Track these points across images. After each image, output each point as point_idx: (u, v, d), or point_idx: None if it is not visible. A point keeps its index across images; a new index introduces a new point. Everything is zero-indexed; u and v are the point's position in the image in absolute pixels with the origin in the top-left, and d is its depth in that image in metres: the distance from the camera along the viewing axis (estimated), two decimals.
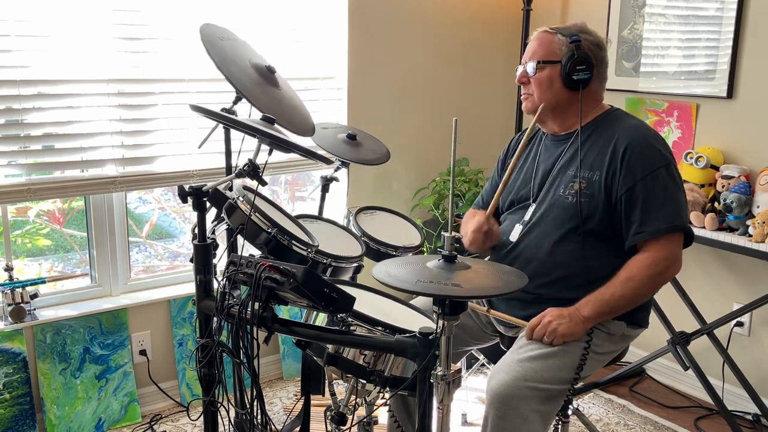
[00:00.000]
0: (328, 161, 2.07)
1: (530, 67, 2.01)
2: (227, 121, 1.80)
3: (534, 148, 2.17)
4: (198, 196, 1.79)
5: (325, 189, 2.62)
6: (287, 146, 1.76)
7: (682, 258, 1.95)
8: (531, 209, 2.06)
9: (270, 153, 1.78)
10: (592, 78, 1.98)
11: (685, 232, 1.93)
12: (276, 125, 1.89)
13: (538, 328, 1.89)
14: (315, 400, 2.82)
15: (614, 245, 1.95)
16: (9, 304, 2.57)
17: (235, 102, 2.14)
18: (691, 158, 2.89)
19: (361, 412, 1.87)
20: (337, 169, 2.59)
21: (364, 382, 1.66)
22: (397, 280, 1.45)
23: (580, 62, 1.95)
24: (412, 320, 1.85)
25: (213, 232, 1.92)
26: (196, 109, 1.79)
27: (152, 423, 2.81)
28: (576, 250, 1.95)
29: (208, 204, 1.83)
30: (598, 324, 1.96)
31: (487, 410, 1.82)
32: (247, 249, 1.84)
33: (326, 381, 2.00)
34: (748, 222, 2.65)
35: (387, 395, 1.70)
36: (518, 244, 2.04)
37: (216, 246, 1.87)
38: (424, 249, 2.55)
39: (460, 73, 3.63)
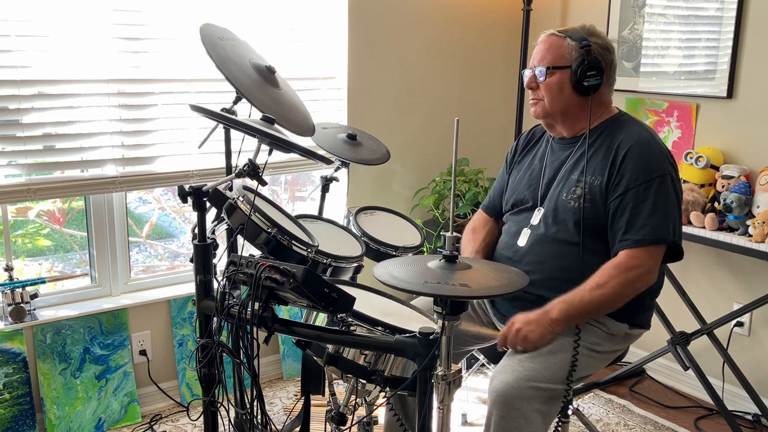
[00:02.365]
0: (328, 161, 2.07)
1: (540, 72, 2.00)
2: (227, 121, 1.80)
3: (541, 149, 2.17)
4: (198, 196, 1.79)
5: (325, 189, 2.61)
6: (287, 146, 1.76)
7: (667, 267, 1.93)
8: (537, 213, 2.06)
9: (270, 153, 1.77)
10: (602, 83, 1.98)
11: (672, 248, 1.91)
12: (276, 125, 1.89)
13: (509, 338, 1.88)
14: (315, 400, 2.82)
15: None
16: (9, 304, 2.57)
17: (235, 102, 2.14)
18: (691, 158, 2.89)
19: (361, 412, 1.87)
20: (337, 169, 2.59)
21: (364, 382, 1.66)
22: (404, 282, 1.45)
23: (591, 67, 1.94)
24: (412, 320, 1.85)
25: (213, 232, 1.92)
26: (196, 109, 1.79)
27: (152, 423, 2.81)
28: (580, 254, 1.94)
29: (208, 204, 1.83)
30: (597, 323, 1.97)
31: (489, 410, 1.83)
32: (247, 249, 1.84)
33: (326, 381, 2.00)
34: (748, 222, 2.65)
35: (387, 394, 1.70)
36: (525, 248, 2.04)
37: (216, 246, 1.87)
38: (424, 249, 2.55)
39: (460, 73, 3.63)
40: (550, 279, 1.97)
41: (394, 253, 2.34)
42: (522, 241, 2.06)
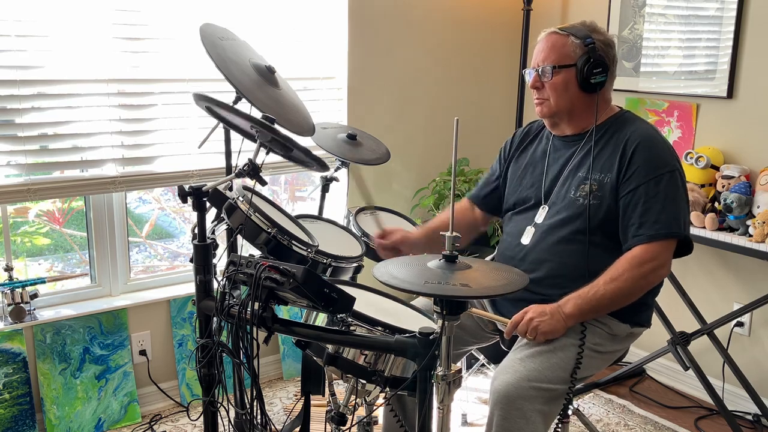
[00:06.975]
0: (325, 166, 2.04)
1: (544, 71, 1.99)
2: (229, 109, 1.79)
3: (541, 146, 2.16)
4: (198, 196, 1.79)
5: (325, 189, 2.62)
6: (287, 146, 1.76)
7: (677, 260, 1.94)
8: (542, 211, 2.06)
9: (268, 153, 1.78)
10: (607, 79, 1.99)
11: (683, 241, 1.93)
12: (276, 125, 1.89)
13: (520, 325, 1.88)
14: (315, 400, 2.82)
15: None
16: (9, 304, 2.57)
17: (235, 102, 2.14)
18: (692, 158, 2.89)
19: (361, 412, 1.87)
20: (337, 169, 2.59)
21: (364, 382, 1.66)
22: (405, 282, 1.45)
23: (596, 65, 1.95)
24: (412, 320, 1.85)
25: (213, 232, 1.92)
26: (201, 98, 1.78)
27: (152, 423, 2.80)
28: (587, 252, 1.95)
29: (208, 204, 1.83)
30: (599, 324, 1.97)
31: (491, 410, 1.82)
32: (247, 249, 1.84)
33: (326, 381, 2.00)
34: (749, 222, 2.65)
35: (387, 394, 1.70)
36: (529, 246, 2.04)
37: (216, 246, 1.87)
38: None
39: (460, 73, 3.63)
40: (555, 277, 1.97)
41: None
42: (526, 239, 2.06)
